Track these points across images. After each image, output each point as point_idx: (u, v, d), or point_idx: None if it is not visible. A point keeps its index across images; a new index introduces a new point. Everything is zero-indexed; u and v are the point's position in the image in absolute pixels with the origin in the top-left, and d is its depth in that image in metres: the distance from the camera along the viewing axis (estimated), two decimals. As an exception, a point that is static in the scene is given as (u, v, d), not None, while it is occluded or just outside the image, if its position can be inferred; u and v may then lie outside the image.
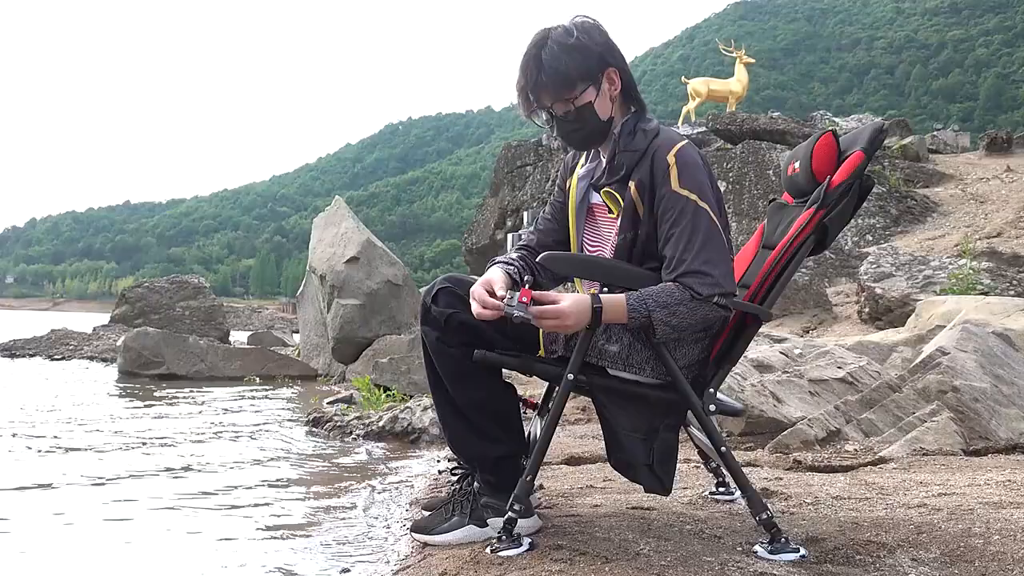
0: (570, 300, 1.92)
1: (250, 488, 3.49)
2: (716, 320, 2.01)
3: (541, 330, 2.06)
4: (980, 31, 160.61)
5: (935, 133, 22.61)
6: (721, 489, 2.58)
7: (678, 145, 2.04)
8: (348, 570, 2.24)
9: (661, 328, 1.95)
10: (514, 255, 2.23)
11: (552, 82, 2.05)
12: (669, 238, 1.99)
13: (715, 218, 1.99)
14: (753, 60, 22.64)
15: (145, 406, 6.67)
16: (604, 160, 2.16)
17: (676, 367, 2.01)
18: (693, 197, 1.98)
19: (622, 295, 1.96)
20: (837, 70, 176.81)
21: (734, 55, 21.62)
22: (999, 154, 17.90)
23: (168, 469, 3.88)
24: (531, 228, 2.38)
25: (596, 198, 2.18)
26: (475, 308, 1.97)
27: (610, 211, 2.13)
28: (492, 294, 1.97)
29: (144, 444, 4.61)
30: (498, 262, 2.18)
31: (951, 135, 22.57)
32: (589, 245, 2.21)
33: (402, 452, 4.48)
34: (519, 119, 2.34)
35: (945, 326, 4.88)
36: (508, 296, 1.91)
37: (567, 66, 2.03)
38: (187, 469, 3.90)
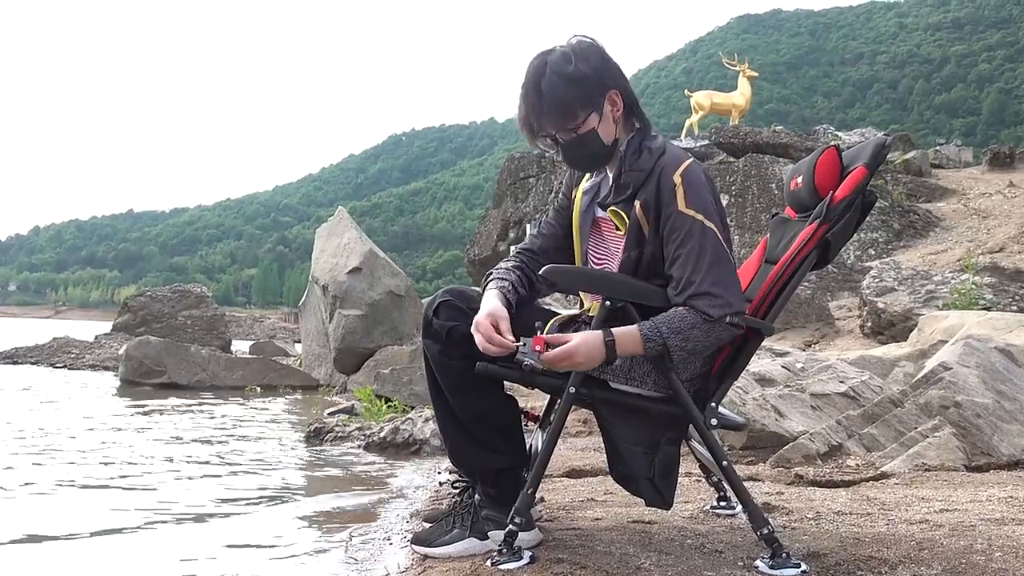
0: (579, 337, 1.92)
1: (248, 498, 3.48)
2: (728, 339, 2.01)
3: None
4: (983, 46, 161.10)
5: (938, 148, 22.67)
6: (722, 503, 2.58)
7: (684, 164, 2.03)
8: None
9: (678, 354, 1.95)
10: (512, 263, 2.21)
11: (554, 112, 2.03)
12: (676, 259, 1.99)
13: (721, 237, 1.99)
14: (756, 74, 22.70)
15: (145, 415, 6.67)
16: (610, 177, 2.15)
17: (678, 381, 2.01)
18: (699, 217, 1.98)
19: (634, 326, 1.96)
20: (840, 84, 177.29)
21: (737, 68, 21.68)
22: (1002, 169, 17.93)
23: (165, 479, 3.87)
24: (534, 231, 2.37)
25: (602, 212, 2.18)
26: (479, 342, 1.95)
27: (617, 228, 2.12)
28: (496, 327, 1.95)
29: (142, 454, 4.61)
30: (493, 279, 2.15)
31: (954, 150, 22.62)
32: (595, 258, 2.20)
33: (402, 463, 4.48)
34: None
35: (947, 341, 4.88)
36: (522, 344, 1.91)
37: (568, 95, 2.01)
38: (184, 479, 3.89)
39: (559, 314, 2.13)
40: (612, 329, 1.94)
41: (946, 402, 3.61)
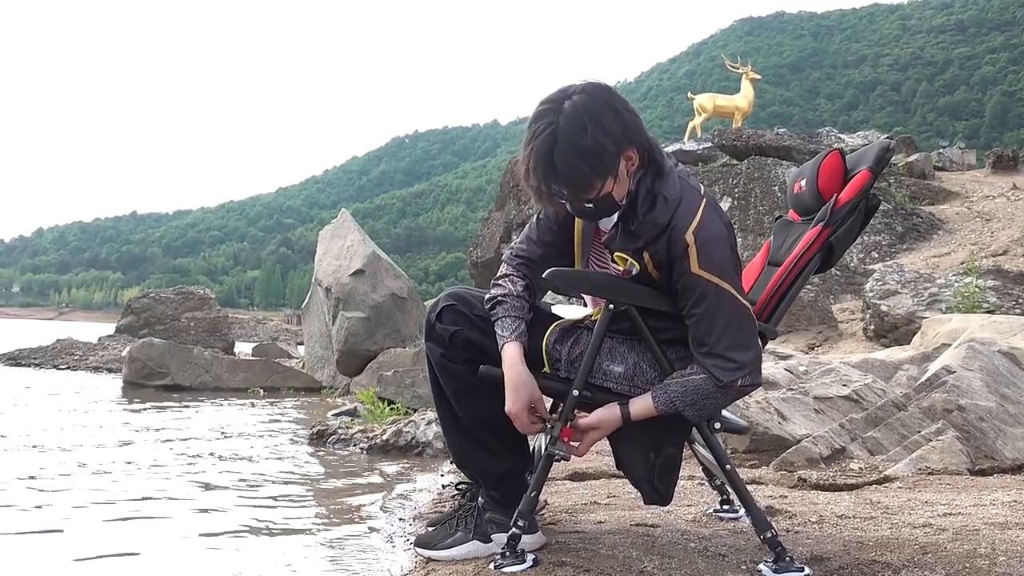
0: (596, 414, 1.99)
1: (251, 500, 3.48)
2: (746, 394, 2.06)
3: (545, 346, 2.06)
4: (986, 49, 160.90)
5: (941, 150, 22.64)
6: (725, 507, 2.58)
7: (697, 219, 1.93)
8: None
9: (694, 420, 2.00)
10: (520, 284, 2.12)
11: (569, 186, 1.90)
12: (691, 317, 1.95)
13: (737, 295, 1.94)
14: (759, 76, 22.71)
15: (147, 417, 6.67)
16: (616, 215, 2.03)
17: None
18: (714, 280, 1.91)
19: (648, 396, 1.98)
20: (843, 87, 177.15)
21: (740, 71, 21.69)
22: (1005, 172, 17.93)
23: (166, 481, 3.88)
24: (532, 235, 2.23)
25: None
26: (518, 425, 2.00)
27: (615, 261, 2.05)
28: (533, 409, 1.99)
29: (143, 457, 4.61)
30: (511, 317, 2.05)
31: (957, 152, 22.59)
32: (597, 264, 2.16)
33: (406, 466, 4.48)
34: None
35: (951, 344, 4.88)
36: (550, 436, 1.99)
37: (584, 170, 1.87)
38: (186, 481, 3.90)
39: (561, 318, 2.13)
40: (630, 403, 1.99)
41: (949, 405, 3.60)
